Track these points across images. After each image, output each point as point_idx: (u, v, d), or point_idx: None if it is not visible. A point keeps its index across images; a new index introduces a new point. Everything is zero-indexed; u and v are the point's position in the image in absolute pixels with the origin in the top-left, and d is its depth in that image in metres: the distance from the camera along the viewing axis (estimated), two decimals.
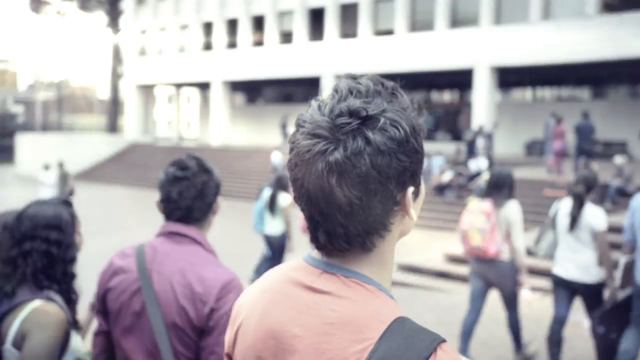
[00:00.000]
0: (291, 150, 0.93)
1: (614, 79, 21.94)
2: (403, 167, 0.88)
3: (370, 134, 0.86)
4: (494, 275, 4.88)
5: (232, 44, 29.00)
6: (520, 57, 19.79)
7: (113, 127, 34.58)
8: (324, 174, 0.87)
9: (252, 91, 33.70)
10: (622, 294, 4.43)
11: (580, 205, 4.46)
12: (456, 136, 24.62)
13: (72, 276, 2.03)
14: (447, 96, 27.34)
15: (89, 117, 55.06)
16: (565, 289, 4.64)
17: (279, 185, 7.21)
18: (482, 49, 20.58)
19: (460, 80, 23.81)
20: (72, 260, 2.03)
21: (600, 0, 18.85)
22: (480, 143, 15.26)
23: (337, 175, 0.86)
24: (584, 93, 22.86)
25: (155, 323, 1.75)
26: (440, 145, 21.47)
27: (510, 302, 5.00)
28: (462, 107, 25.48)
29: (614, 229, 7.32)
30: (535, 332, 5.80)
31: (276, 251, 7.33)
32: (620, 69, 20.50)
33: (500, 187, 4.80)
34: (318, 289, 0.94)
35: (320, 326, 0.91)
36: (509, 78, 22.57)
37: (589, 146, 14.34)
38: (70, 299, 2.04)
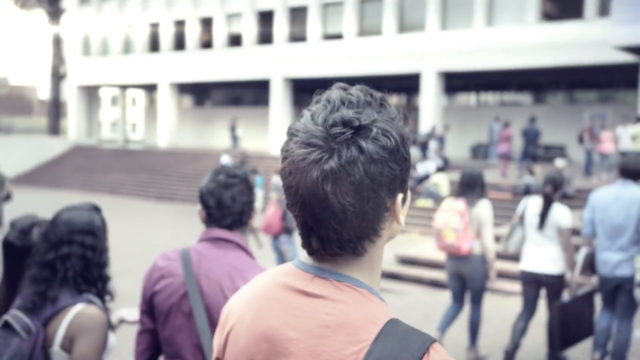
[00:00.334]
0: (284, 158, 0.94)
1: (553, 84, 22.84)
2: (394, 174, 0.92)
3: (363, 143, 0.89)
4: (467, 270, 5.15)
5: (180, 46, 28.60)
6: (465, 62, 20.36)
7: (55, 129, 33.42)
8: (319, 181, 0.89)
9: (200, 93, 33.30)
10: (582, 290, 4.96)
11: (549, 204, 4.83)
12: None
13: (106, 279, 2.11)
14: (395, 100, 27.80)
15: (29, 118, 53.06)
16: (532, 283, 5.04)
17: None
18: (428, 54, 21.05)
19: (408, 84, 24.28)
20: (106, 264, 2.11)
21: (539, 10, 19.61)
22: (432, 145, 15.61)
23: (331, 182, 0.89)
24: (526, 98, 23.71)
25: (201, 324, 1.87)
26: None
27: (477, 296, 5.26)
28: (410, 111, 25.94)
29: None
30: (485, 330, 5.98)
31: None
32: (558, 76, 21.35)
33: (472, 187, 5.07)
34: (311, 293, 0.95)
35: (315, 329, 0.93)
36: (455, 83, 23.15)
37: (533, 150, 14.91)
38: (104, 301, 2.12)
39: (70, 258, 2.01)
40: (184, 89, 30.80)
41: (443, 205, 5.18)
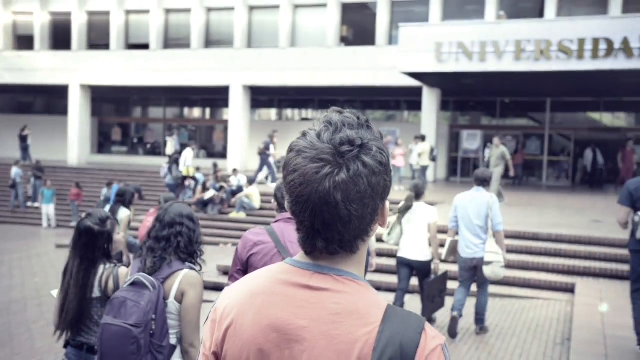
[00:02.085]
0: (293, 171, 1.07)
1: (349, 103, 24.78)
2: (385, 184, 1.09)
3: (366, 159, 1.05)
4: None
5: None
6: (271, 78, 21.20)
7: None
8: (330, 191, 1.03)
9: None
10: (440, 271, 6.58)
11: (411, 205, 6.39)
12: (210, 153, 25.13)
13: (201, 253, 2.92)
14: (202, 112, 27.69)
15: None
16: (407, 267, 6.49)
17: (120, 200, 7.31)
18: (236, 69, 21.49)
19: (216, 97, 24.45)
20: (201, 243, 2.93)
21: (338, 35, 21.27)
22: (272, 152, 16.37)
23: (341, 192, 1.03)
24: (325, 114, 25.33)
25: None
26: (197, 161, 21.69)
27: None
28: (216, 124, 26.12)
29: None
30: None
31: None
32: (354, 95, 23.26)
33: None
34: (315, 287, 1.08)
35: (327, 316, 1.05)
36: (261, 98, 23.91)
37: None
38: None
39: (182, 234, 2.82)
40: None
41: None
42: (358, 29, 22.15)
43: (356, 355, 1.02)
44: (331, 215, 1.04)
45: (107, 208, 7.42)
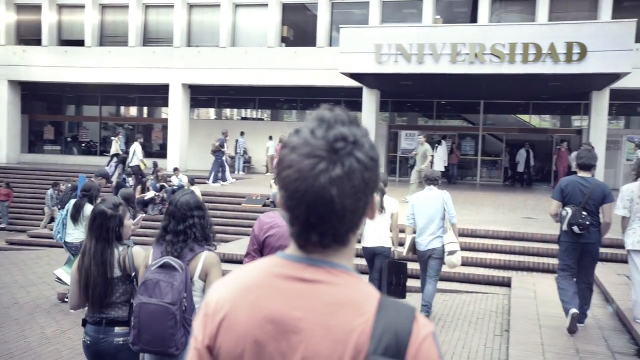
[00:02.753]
0: (288, 167, 1.07)
1: (288, 103, 24.88)
2: (376, 179, 1.11)
3: (360, 155, 1.07)
4: None
5: None
6: (210, 77, 21.03)
7: None
8: (326, 186, 1.04)
9: None
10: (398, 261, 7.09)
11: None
12: (149, 152, 24.63)
13: (213, 236, 3.37)
14: (140, 111, 27.08)
15: None
16: (371, 256, 7.03)
17: (87, 194, 7.39)
18: (175, 67, 21.19)
19: (154, 95, 24.00)
20: (211, 226, 3.36)
21: (278, 34, 21.33)
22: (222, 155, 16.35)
23: (336, 187, 1.04)
24: (265, 114, 25.33)
25: None
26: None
27: None
28: (155, 123, 25.64)
29: None
30: None
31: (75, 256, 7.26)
32: (295, 95, 23.39)
33: None
34: (309, 279, 1.09)
35: (322, 307, 1.07)
36: (200, 96, 23.66)
37: None
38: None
39: (195, 225, 3.24)
40: None
41: None
42: (299, 30, 22.29)
43: (353, 344, 1.04)
44: (326, 210, 1.06)
45: (72, 202, 7.39)
